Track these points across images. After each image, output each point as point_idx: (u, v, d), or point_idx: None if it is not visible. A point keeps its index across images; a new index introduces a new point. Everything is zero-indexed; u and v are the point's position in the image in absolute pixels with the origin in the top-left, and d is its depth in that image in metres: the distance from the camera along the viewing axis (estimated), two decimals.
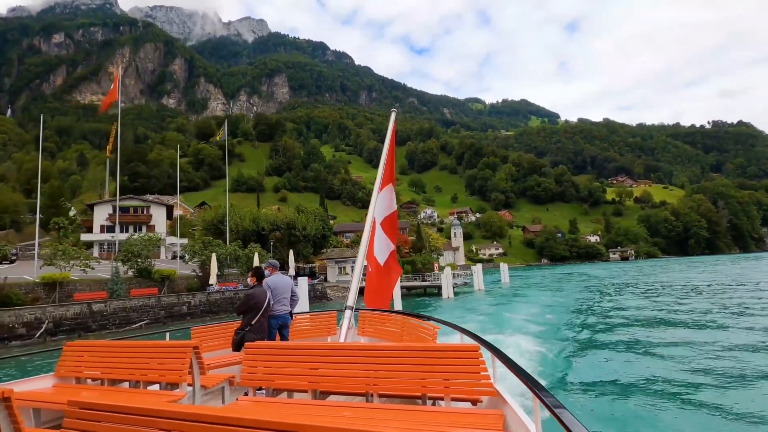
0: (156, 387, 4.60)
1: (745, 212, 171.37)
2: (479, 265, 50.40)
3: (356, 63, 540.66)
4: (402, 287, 38.90)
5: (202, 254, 30.38)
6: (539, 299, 32.88)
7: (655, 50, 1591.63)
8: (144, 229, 49.21)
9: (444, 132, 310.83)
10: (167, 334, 5.63)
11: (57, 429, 2.46)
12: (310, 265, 49.67)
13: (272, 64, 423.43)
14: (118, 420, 2.06)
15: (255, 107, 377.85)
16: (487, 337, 3.66)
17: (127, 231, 48.03)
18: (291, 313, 6.20)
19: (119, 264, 27.10)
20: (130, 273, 28.54)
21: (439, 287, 40.12)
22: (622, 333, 17.65)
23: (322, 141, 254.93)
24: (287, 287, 6.07)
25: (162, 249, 47.35)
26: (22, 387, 4.32)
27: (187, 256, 32.70)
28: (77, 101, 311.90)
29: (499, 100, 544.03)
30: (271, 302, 5.72)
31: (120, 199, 35.62)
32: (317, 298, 36.80)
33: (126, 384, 4.65)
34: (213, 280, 28.19)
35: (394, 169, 7.11)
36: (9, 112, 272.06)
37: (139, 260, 27.49)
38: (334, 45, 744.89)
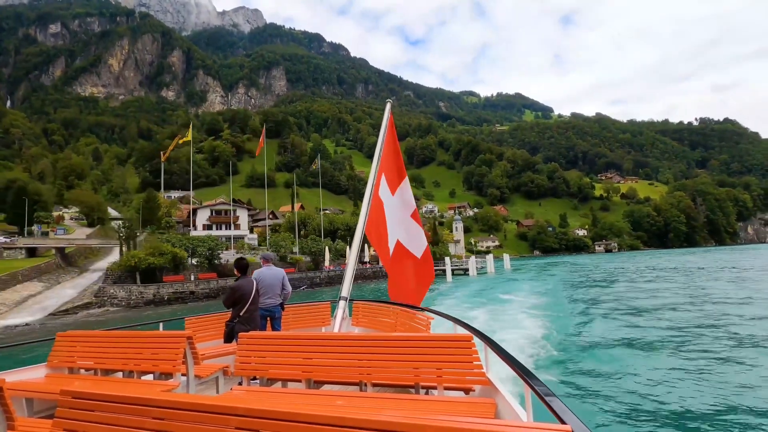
0: (150, 377, 4.54)
1: (721, 208, 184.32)
2: (491, 255, 63.80)
3: (352, 55, 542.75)
4: (437, 269, 56.06)
5: (313, 246, 43.10)
6: (535, 276, 50.98)
7: (649, 44, 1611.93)
8: (233, 227, 60.30)
9: (440, 126, 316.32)
10: (161, 324, 5.78)
11: (50, 418, 2.46)
12: None
13: (270, 56, 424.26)
14: (111, 409, 2.04)
15: (253, 100, 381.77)
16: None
17: (220, 229, 59.71)
18: (282, 305, 6.25)
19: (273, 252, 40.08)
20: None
21: (465, 269, 58.71)
22: (596, 298, 25.99)
23: (322, 135, 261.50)
24: (276, 281, 6.11)
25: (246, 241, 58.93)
26: (14, 377, 4.29)
27: (302, 248, 45.46)
28: (78, 93, 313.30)
29: (494, 94, 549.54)
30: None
31: (215, 204, 46.90)
32: (383, 277, 49.88)
33: (119, 374, 4.62)
34: (327, 263, 41.16)
35: (402, 162, 7.17)
36: (8, 102, 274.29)
37: (282, 249, 40.09)
38: (329, 36, 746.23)
